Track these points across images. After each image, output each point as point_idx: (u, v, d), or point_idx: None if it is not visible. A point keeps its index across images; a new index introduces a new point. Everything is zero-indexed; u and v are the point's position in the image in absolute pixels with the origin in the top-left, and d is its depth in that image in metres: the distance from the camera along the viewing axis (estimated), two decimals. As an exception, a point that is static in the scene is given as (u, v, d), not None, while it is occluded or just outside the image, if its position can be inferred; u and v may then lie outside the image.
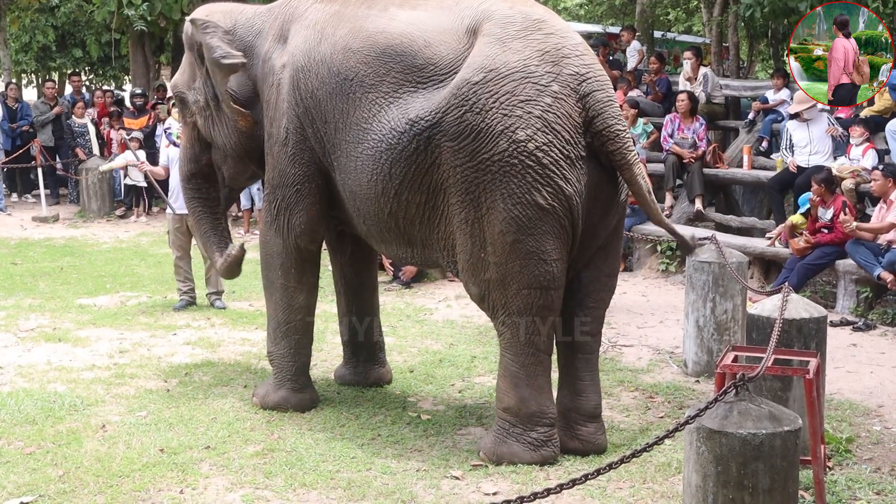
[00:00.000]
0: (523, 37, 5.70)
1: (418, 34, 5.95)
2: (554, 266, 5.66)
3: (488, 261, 5.70)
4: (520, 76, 5.58)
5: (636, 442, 6.20)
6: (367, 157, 6.02)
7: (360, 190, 6.15)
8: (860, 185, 10.63)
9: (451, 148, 5.67)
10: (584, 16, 27.13)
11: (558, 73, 5.62)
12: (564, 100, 5.60)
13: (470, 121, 5.60)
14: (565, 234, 5.68)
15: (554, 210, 5.58)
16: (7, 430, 6.41)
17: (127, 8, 18.40)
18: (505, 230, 5.59)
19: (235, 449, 6.11)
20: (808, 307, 5.89)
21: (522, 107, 5.54)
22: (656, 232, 11.23)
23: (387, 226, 6.16)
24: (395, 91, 5.93)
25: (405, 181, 5.88)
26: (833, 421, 6.59)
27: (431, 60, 5.87)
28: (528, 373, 5.80)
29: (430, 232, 5.99)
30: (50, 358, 8.09)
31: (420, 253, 6.22)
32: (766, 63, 21.88)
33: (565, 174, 5.57)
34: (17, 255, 13.03)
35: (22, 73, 28.78)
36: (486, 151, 5.57)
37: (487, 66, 5.62)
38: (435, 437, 6.35)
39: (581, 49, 5.80)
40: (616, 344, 8.75)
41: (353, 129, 6.10)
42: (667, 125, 13.21)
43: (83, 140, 17.33)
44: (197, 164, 7.45)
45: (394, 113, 5.89)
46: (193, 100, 7.17)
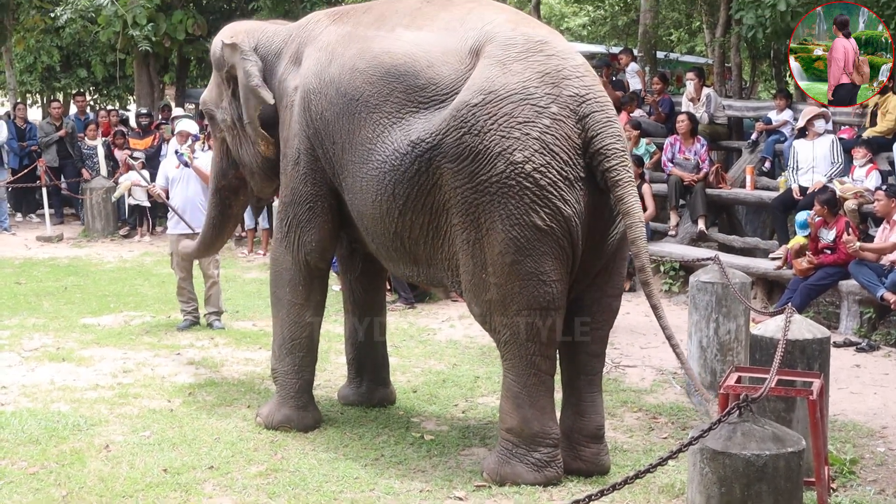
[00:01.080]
0: (524, 59, 5.70)
1: (421, 54, 5.97)
2: (554, 287, 5.65)
3: (489, 281, 5.70)
4: (518, 98, 5.58)
5: (640, 463, 6.19)
6: (371, 178, 6.05)
7: (366, 209, 6.18)
8: (863, 206, 10.64)
9: (451, 169, 5.68)
10: (587, 37, 27.23)
11: (558, 95, 5.62)
12: (563, 121, 5.59)
13: (468, 142, 5.61)
14: (564, 256, 5.66)
15: (552, 231, 5.56)
16: (10, 450, 6.41)
17: (132, 28, 18.46)
18: (504, 251, 5.59)
19: (239, 469, 6.11)
20: (812, 328, 5.89)
21: (520, 128, 5.54)
22: (659, 252, 11.24)
23: (393, 245, 6.18)
24: (398, 111, 5.95)
25: (408, 202, 5.90)
26: (837, 442, 6.58)
27: (433, 81, 5.88)
28: (531, 393, 5.79)
29: (434, 252, 6.00)
30: (53, 377, 8.09)
31: (425, 272, 6.23)
32: (768, 83, 21.94)
33: (563, 195, 5.56)
34: (21, 275, 13.04)
35: (27, 93, 28.89)
36: (484, 173, 5.57)
37: (487, 88, 5.63)
38: (438, 458, 6.35)
39: (582, 70, 5.79)
40: (619, 364, 8.76)
41: (358, 150, 6.13)
42: (667, 149, 13.22)
43: (91, 162, 17.39)
44: (225, 178, 7.63)
45: (397, 134, 5.91)
46: (221, 118, 7.29)
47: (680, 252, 11.77)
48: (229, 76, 7.08)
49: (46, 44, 23.11)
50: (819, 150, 11.64)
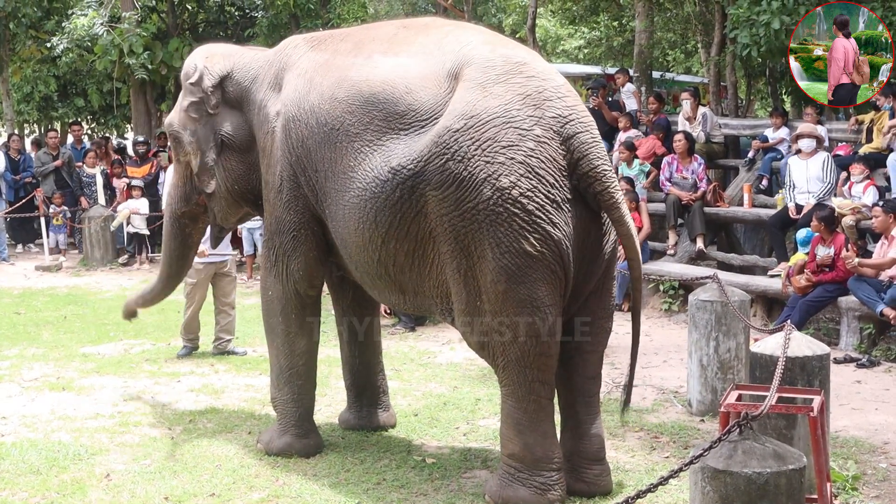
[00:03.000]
0: (504, 81, 5.66)
1: (399, 81, 5.93)
2: (549, 312, 5.60)
3: (484, 309, 5.65)
4: (501, 121, 5.52)
5: (642, 482, 6.17)
6: (353, 206, 6.00)
7: (349, 238, 6.15)
8: (861, 222, 10.65)
9: (436, 197, 5.62)
10: (583, 58, 27.29)
11: (540, 117, 5.57)
12: (548, 143, 5.54)
13: (452, 169, 5.54)
14: (557, 280, 5.62)
15: (543, 256, 5.51)
16: (11, 481, 6.40)
17: (128, 57, 18.53)
18: (496, 279, 5.53)
19: (240, 496, 6.10)
20: (811, 345, 5.89)
21: (504, 153, 5.48)
22: (658, 271, 11.24)
23: (377, 273, 6.13)
24: (378, 139, 5.91)
25: (391, 230, 5.84)
26: (839, 459, 6.57)
27: (412, 107, 5.84)
28: (531, 419, 5.75)
29: (421, 280, 5.94)
30: (54, 407, 8.08)
31: (412, 300, 6.18)
32: (764, 101, 21.97)
33: (552, 219, 5.51)
34: (20, 305, 13.04)
35: (24, 122, 28.93)
36: (470, 200, 5.51)
37: (468, 113, 5.57)
38: (440, 481, 6.33)
39: (563, 91, 5.75)
40: (620, 384, 8.73)
41: (340, 178, 6.09)
42: (664, 169, 13.26)
43: (89, 190, 17.43)
44: (187, 204, 7.47)
45: (377, 161, 5.86)
46: (188, 140, 7.15)
47: (679, 271, 11.79)
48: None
49: (43, 73, 23.17)
50: (812, 169, 11.67)
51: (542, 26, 28.39)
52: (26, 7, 19.82)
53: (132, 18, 18.73)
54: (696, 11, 18.03)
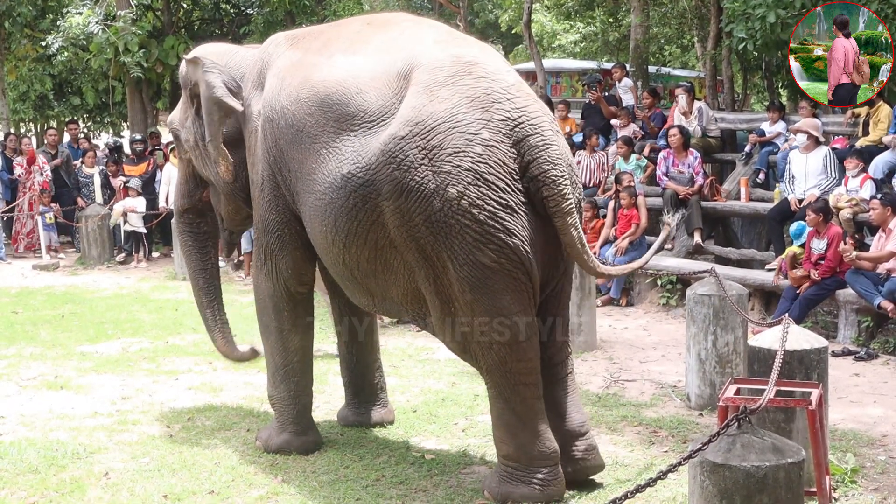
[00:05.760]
0: (451, 83, 5.51)
1: (351, 81, 5.87)
2: (518, 319, 5.51)
3: (459, 315, 5.59)
4: (447, 127, 5.37)
5: (640, 477, 6.17)
6: (316, 209, 5.97)
7: (316, 239, 6.14)
8: (858, 215, 10.66)
9: (389, 208, 5.51)
10: (579, 53, 27.30)
11: (489, 120, 5.40)
12: (496, 146, 5.38)
13: (399, 178, 5.42)
14: (521, 286, 5.51)
15: (502, 267, 5.40)
16: (10, 480, 6.39)
17: (123, 55, 18.54)
18: (462, 289, 5.46)
19: (239, 493, 6.09)
20: (809, 338, 5.89)
21: (451, 160, 5.33)
22: (656, 266, 11.24)
23: (343, 275, 6.11)
24: (332, 141, 5.85)
25: (350, 235, 5.78)
26: (837, 451, 6.57)
27: (361, 108, 5.76)
28: (522, 419, 5.71)
29: (387, 286, 5.87)
30: (52, 406, 8.07)
31: (381, 304, 6.14)
32: (761, 95, 21.99)
33: (506, 225, 5.37)
34: (17, 304, 13.02)
35: (20, 121, 28.92)
36: (421, 212, 5.39)
37: (413, 119, 5.44)
38: (439, 477, 6.33)
39: (514, 92, 5.58)
40: (619, 379, 8.74)
41: (305, 180, 6.05)
42: (660, 163, 13.27)
43: (87, 190, 17.41)
44: (191, 200, 7.56)
45: (332, 165, 5.80)
46: (185, 138, 7.21)
47: (676, 265, 11.79)
48: (193, 94, 7.03)
49: (39, 72, 23.20)
50: (812, 163, 11.68)
51: (538, 21, 28.40)
52: (21, 6, 19.84)
53: (127, 16, 18.75)
54: (691, 6, 18.04)
